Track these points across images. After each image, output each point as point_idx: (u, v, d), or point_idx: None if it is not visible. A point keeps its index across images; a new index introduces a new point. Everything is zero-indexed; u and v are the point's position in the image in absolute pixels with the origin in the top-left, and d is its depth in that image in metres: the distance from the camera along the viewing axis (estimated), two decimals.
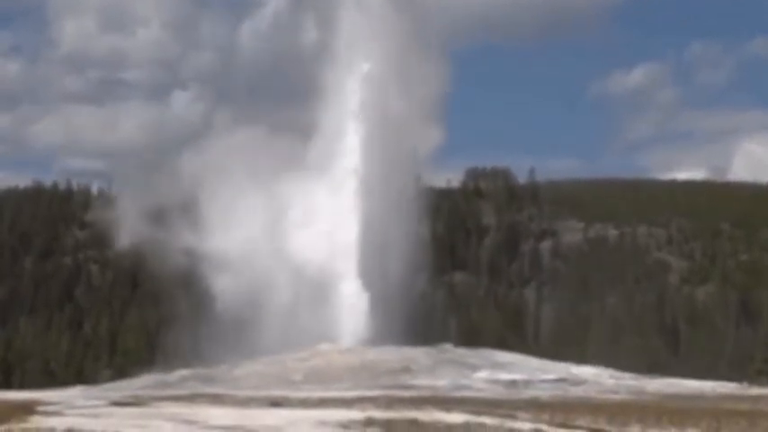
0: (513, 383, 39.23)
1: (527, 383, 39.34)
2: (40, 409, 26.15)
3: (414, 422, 21.82)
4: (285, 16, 61.44)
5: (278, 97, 56.86)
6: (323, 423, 21.90)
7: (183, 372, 45.16)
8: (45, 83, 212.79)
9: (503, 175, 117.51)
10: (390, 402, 27.71)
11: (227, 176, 55.13)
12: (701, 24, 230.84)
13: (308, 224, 52.89)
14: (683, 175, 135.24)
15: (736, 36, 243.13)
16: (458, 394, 33.99)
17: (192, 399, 30.94)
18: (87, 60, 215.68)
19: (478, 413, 24.34)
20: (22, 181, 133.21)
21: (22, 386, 62.25)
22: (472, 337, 63.40)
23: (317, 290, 51.16)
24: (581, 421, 23.27)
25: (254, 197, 53.84)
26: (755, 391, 40.93)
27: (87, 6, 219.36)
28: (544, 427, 21.93)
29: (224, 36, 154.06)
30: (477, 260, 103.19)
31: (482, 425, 21.67)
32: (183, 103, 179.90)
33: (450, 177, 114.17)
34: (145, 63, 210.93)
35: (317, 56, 55.14)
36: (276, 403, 28.05)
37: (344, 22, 54.74)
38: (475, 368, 42.41)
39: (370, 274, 50.50)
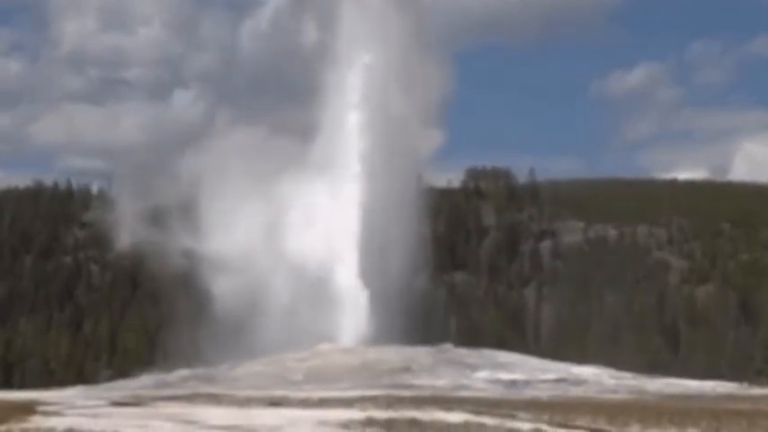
0: (513, 383, 39.24)
1: (527, 383, 39.36)
2: (40, 409, 26.17)
3: (414, 422, 21.80)
4: (285, 16, 61.55)
5: (278, 96, 56.91)
6: (323, 423, 21.87)
7: (183, 372, 45.19)
8: (46, 82, 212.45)
9: (503, 176, 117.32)
10: (391, 402, 27.69)
11: (226, 177, 55.11)
12: (701, 24, 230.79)
13: (308, 224, 52.87)
14: (683, 174, 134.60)
15: (737, 35, 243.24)
16: (458, 394, 33.99)
17: (191, 399, 30.95)
18: (88, 59, 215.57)
19: (478, 413, 24.34)
20: (22, 180, 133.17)
21: (21, 386, 62.33)
22: (472, 337, 63.33)
23: (317, 289, 51.12)
24: (581, 421, 23.24)
25: (253, 198, 53.82)
26: (756, 391, 40.96)
27: (88, 5, 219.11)
28: (544, 426, 21.90)
29: (225, 35, 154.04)
30: (477, 260, 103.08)
31: (482, 425, 21.64)
32: (184, 103, 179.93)
33: (450, 177, 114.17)
34: (146, 62, 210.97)
35: (317, 54, 55.24)
36: (276, 403, 28.03)
37: (345, 20, 54.76)
38: (475, 368, 42.42)
39: (371, 272, 50.51)
